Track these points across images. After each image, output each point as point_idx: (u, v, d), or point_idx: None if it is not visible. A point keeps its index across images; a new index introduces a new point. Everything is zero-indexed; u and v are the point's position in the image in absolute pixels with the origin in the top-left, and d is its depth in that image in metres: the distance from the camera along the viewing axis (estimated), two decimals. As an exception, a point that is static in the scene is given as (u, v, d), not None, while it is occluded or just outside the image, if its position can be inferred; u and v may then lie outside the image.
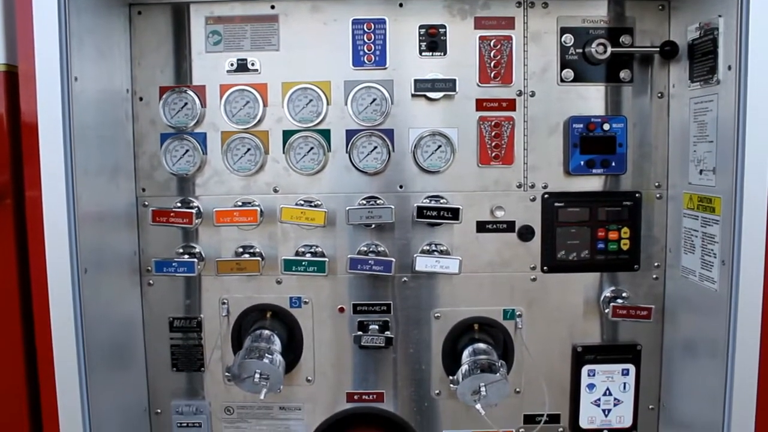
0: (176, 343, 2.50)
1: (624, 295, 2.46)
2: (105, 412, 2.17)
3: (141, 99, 2.40)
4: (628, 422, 2.53)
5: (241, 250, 2.43)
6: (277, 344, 2.36)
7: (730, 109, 2.00)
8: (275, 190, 2.42)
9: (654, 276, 2.47)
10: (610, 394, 2.50)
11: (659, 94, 2.41)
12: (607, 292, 2.47)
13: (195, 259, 2.37)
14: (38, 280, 1.98)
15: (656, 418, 2.55)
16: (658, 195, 2.44)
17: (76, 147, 1.97)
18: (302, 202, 2.39)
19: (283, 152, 2.39)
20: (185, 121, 2.38)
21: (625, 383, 2.50)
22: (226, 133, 2.39)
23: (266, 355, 2.25)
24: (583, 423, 2.52)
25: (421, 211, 2.32)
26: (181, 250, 2.44)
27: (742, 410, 2.04)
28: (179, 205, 2.42)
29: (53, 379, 2.03)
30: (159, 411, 2.54)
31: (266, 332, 2.38)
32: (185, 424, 2.54)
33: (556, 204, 2.42)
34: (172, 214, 2.35)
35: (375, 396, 2.52)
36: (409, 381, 2.51)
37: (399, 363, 2.50)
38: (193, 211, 2.36)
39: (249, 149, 2.39)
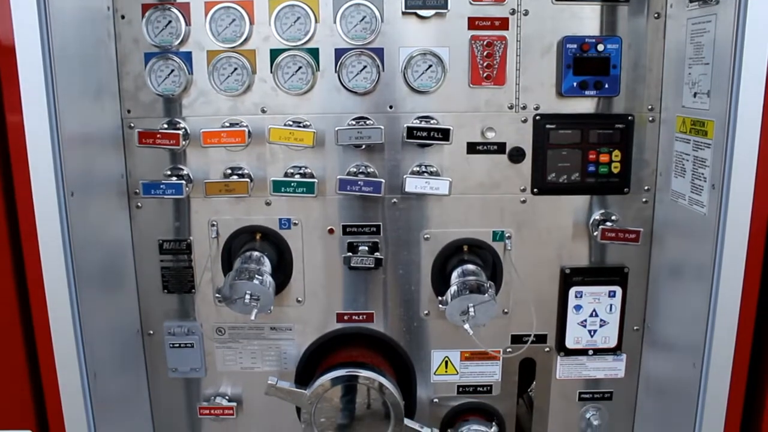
0: (166, 265, 2.51)
1: (613, 218, 2.47)
2: (98, 334, 2.19)
3: (123, 17, 2.31)
4: (613, 343, 2.57)
5: (229, 171, 2.41)
6: (267, 265, 2.37)
7: (728, 30, 1.95)
8: (263, 111, 2.37)
9: (643, 199, 2.47)
10: (597, 316, 2.54)
11: (656, 15, 2.35)
12: (597, 215, 2.48)
13: (183, 181, 2.35)
14: (24, 204, 1.96)
15: (640, 338, 2.60)
16: (650, 118, 2.41)
17: (57, 68, 1.91)
18: (291, 123, 2.35)
19: (271, 72, 2.33)
20: (170, 39, 2.31)
21: (611, 305, 2.54)
22: (212, 53, 2.32)
23: (256, 276, 2.26)
24: (569, 343, 2.56)
25: (411, 132, 2.29)
26: (168, 172, 2.41)
27: (724, 332, 2.08)
28: (166, 126, 2.37)
29: (45, 303, 2.03)
30: (151, 332, 2.57)
31: (256, 254, 2.39)
32: (178, 345, 2.57)
33: (548, 126, 2.40)
34: (158, 136, 2.32)
35: (365, 316, 2.55)
36: (399, 302, 2.54)
37: (388, 284, 2.52)
38: (180, 132, 2.33)
39: (236, 69, 2.33)
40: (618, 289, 2.52)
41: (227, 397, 2.64)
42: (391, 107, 2.38)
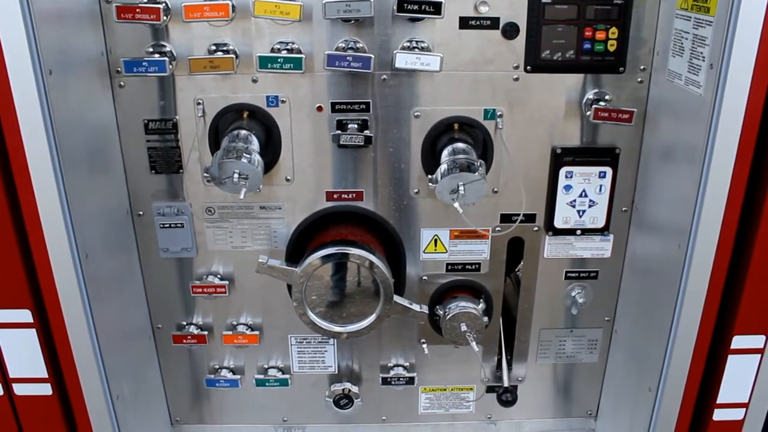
0: (153, 145, 2.47)
1: (607, 97, 2.42)
2: (87, 215, 2.19)
3: None
4: (601, 223, 2.59)
5: (213, 47, 2.32)
6: (255, 144, 2.33)
7: None
8: (247, -18, 2.27)
9: (639, 79, 2.41)
10: (586, 196, 2.55)
11: None
12: (590, 94, 2.42)
13: (166, 58, 2.27)
14: (1, 85, 1.90)
15: (628, 220, 2.62)
16: (650, -7, 2.33)
17: (17, -61, 1.80)
18: (276, -5, 2.26)
19: (253, -60, 2.22)
20: None
21: (601, 185, 2.54)
22: None
23: (244, 155, 2.23)
24: (558, 223, 2.58)
25: (402, 5, 2.19)
26: (151, 49, 2.32)
27: (711, 215, 2.10)
28: (145, 0, 2.27)
29: (31, 185, 2.02)
30: (141, 213, 2.57)
31: (243, 132, 2.34)
32: (168, 225, 2.58)
33: (543, 0, 2.30)
34: (138, 10, 2.20)
35: (354, 195, 2.55)
36: (388, 180, 2.53)
37: (378, 162, 2.50)
38: (161, 6, 2.21)
39: (216, -64, 2.21)
40: (608, 170, 2.51)
41: (219, 276, 2.67)
42: (380, -21, 2.28)
